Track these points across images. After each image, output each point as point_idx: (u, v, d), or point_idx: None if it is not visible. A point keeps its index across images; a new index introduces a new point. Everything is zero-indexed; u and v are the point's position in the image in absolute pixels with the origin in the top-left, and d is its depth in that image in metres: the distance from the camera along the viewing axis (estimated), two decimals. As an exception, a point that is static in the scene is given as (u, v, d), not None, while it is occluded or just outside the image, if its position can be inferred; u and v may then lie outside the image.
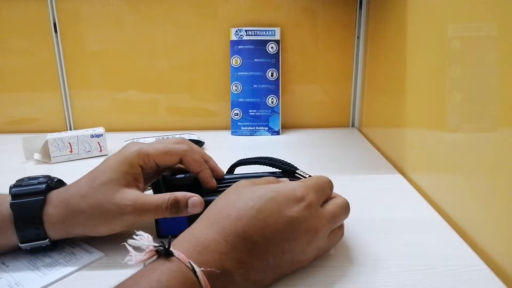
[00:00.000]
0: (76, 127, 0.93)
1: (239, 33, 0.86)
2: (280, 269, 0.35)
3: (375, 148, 0.78)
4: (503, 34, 0.39)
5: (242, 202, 0.34)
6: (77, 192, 0.40)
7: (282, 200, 0.34)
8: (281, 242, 0.34)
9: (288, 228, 0.34)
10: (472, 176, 0.45)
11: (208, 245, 0.31)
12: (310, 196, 0.36)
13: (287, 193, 0.35)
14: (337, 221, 0.38)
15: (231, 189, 0.38)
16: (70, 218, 0.39)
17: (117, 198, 0.39)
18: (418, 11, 0.59)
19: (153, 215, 0.40)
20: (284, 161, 0.48)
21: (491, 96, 0.41)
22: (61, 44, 0.88)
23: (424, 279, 0.37)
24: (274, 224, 0.33)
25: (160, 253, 0.30)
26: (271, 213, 0.34)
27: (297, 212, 0.34)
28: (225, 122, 0.92)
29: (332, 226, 0.37)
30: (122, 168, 0.40)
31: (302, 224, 0.34)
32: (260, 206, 0.33)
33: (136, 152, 0.41)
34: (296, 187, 0.36)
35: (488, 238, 0.42)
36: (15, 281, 0.37)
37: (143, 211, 0.39)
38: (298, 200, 0.35)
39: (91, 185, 0.40)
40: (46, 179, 0.41)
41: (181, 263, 0.29)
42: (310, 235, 0.35)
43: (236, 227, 0.32)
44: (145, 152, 0.42)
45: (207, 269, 0.30)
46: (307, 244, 0.35)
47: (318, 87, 0.93)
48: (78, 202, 0.39)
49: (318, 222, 0.36)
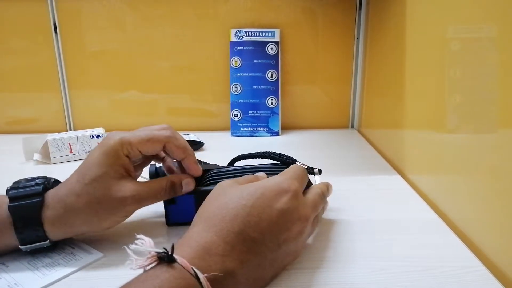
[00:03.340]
0: (76, 127, 0.93)
1: (239, 34, 0.86)
2: (278, 262, 0.36)
3: (374, 149, 0.78)
4: (503, 35, 0.39)
5: (234, 203, 0.35)
6: (71, 191, 0.40)
7: (271, 194, 0.36)
8: (276, 234, 0.35)
9: (281, 219, 0.35)
10: (471, 177, 0.45)
11: (209, 249, 0.31)
12: (294, 186, 0.37)
13: (274, 187, 0.37)
14: (318, 208, 0.41)
15: (217, 190, 0.38)
16: (69, 217, 0.39)
17: (115, 192, 0.39)
18: (418, 12, 0.60)
19: (153, 201, 0.42)
20: (283, 154, 0.49)
21: (490, 97, 0.41)
22: (61, 45, 0.88)
23: (423, 281, 0.37)
24: (267, 218, 0.34)
25: (162, 259, 0.29)
26: (264, 208, 0.35)
27: (286, 203, 0.36)
28: (224, 123, 0.92)
29: (315, 213, 0.40)
30: (109, 161, 0.40)
31: (293, 214, 0.36)
32: (252, 203, 0.35)
33: (118, 142, 0.41)
34: (281, 180, 0.38)
35: (486, 240, 0.42)
36: (14, 281, 0.37)
37: (143, 200, 0.41)
38: (285, 191, 0.36)
39: (82, 182, 0.40)
40: (43, 180, 0.41)
41: (184, 270, 0.29)
42: (301, 222, 0.37)
43: (233, 227, 0.33)
44: (127, 141, 0.41)
45: (210, 274, 0.30)
46: (299, 233, 0.37)
47: (317, 88, 0.93)
48: (75, 201, 0.39)
49: (305, 210, 0.38)
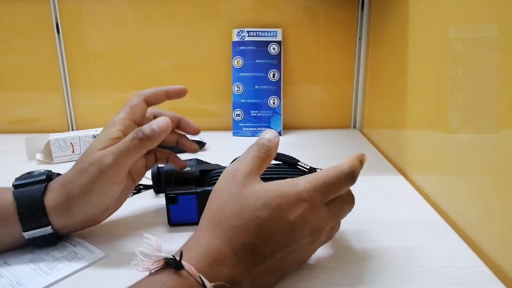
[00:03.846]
0: (78, 127, 0.93)
1: (241, 34, 0.86)
2: (284, 269, 0.36)
3: (376, 149, 0.78)
4: (505, 35, 0.39)
5: (247, 212, 0.33)
6: (71, 172, 0.41)
7: (288, 205, 0.33)
8: (286, 246, 0.34)
9: (292, 232, 0.33)
10: (473, 177, 0.45)
11: (217, 258, 0.31)
12: (314, 198, 0.34)
13: (293, 197, 0.34)
14: (339, 218, 0.38)
15: (226, 186, 0.35)
16: (71, 201, 0.40)
17: (98, 155, 0.40)
18: (420, 12, 0.59)
19: (129, 151, 0.40)
20: (285, 154, 0.49)
21: (493, 97, 0.41)
22: (64, 44, 0.88)
23: (425, 281, 0.37)
24: (279, 231, 0.33)
25: (169, 264, 0.29)
26: (277, 222, 0.33)
27: (301, 216, 0.33)
28: (226, 123, 0.92)
29: (333, 223, 0.37)
30: (101, 138, 0.42)
31: (305, 227, 0.34)
32: (266, 216, 0.33)
33: (118, 121, 0.43)
34: (301, 190, 0.34)
35: (489, 240, 0.42)
36: (16, 280, 0.37)
37: (119, 152, 0.40)
38: (302, 202, 0.34)
39: (81, 164, 0.41)
40: (47, 171, 0.43)
41: (191, 277, 0.29)
42: (313, 236, 0.35)
43: (243, 239, 0.32)
44: (113, 122, 0.43)
45: (217, 283, 0.29)
46: (309, 244, 0.35)
47: (319, 88, 0.93)
48: (75, 180, 0.40)
49: (322, 222, 0.35)
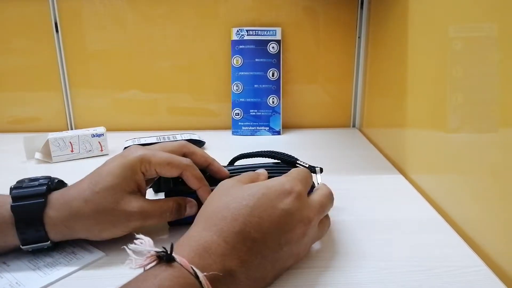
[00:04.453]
0: (77, 126, 0.93)
1: (240, 33, 0.86)
2: (279, 263, 0.36)
3: (376, 149, 0.78)
4: (505, 35, 0.39)
5: (235, 203, 0.35)
6: (79, 196, 0.40)
7: (273, 194, 0.36)
8: (278, 235, 0.35)
9: (283, 220, 0.35)
10: (473, 176, 0.45)
11: (208, 248, 0.31)
12: (298, 187, 0.37)
13: (277, 187, 0.36)
14: (325, 210, 0.40)
15: (220, 191, 0.39)
16: (72, 221, 0.39)
17: (123, 205, 0.40)
18: (420, 11, 0.59)
19: (158, 220, 0.42)
20: (284, 153, 0.49)
21: (492, 96, 0.41)
22: (62, 44, 0.88)
23: (425, 280, 0.37)
24: (269, 218, 0.34)
25: (161, 258, 0.30)
26: (265, 209, 0.35)
27: (288, 204, 0.36)
28: (226, 122, 0.92)
29: (320, 216, 0.39)
30: (125, 174, 0.41)
31: (295, 215, 0.36)
32: (253, 203, 0.35)
33: (139, 158, 0.41)
34: (283, 181, 0.37)
35: (488, 239, 0.42)
36: (16, 280, 0.37)
37: (149, 217, 0.41)
38: (288, 192, 0.36)
39: (93, 189, 0.40)
40: (47, 181, 0.41)
41: (183, 269, 0.29)
42: (304, 224, 0.36)
43: (233, 227, 0.33)
44: (147, 159, 0.41)
45: (210, 273, 0.30)
46: (302, 235, 0.36)
47: (319, 87, 0.93)
48: (81, 207, 0.39)
49: (309, 211, 0.37)
